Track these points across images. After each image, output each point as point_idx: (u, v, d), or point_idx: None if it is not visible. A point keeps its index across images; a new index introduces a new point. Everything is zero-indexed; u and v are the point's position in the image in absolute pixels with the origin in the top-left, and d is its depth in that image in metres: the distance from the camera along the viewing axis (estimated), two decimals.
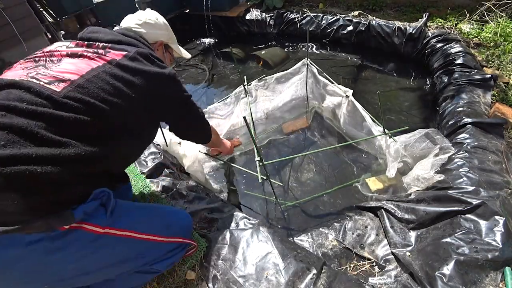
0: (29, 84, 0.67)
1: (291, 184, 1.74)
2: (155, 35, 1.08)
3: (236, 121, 1.97)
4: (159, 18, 1.12)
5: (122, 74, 0.79)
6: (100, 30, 0.91)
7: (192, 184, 1.53)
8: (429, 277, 0.94)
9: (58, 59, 0.78)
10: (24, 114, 0.63)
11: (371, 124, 1.50)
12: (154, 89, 0.86)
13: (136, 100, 0.81)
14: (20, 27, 3.28)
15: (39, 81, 0.69)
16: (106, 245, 0.75)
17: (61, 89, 0.69)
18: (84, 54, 0.79)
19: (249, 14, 3.87)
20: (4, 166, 0.57)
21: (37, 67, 0.75)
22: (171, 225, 0.96)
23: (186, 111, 1.04)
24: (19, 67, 0.77)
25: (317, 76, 1.96)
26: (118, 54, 0.82)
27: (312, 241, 1.25)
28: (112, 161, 0.80)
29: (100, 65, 0.78)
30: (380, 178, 1.54)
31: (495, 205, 1.06)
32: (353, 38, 3.12)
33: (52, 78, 0.71)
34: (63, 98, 0.68)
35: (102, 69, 0.77)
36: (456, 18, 2.65)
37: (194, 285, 1.04)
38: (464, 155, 1.33)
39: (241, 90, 1.91)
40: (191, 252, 1.08)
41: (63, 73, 0.73)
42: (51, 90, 0.68)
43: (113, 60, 0.80)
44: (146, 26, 1.05)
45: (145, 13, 1.10)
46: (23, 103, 0.63)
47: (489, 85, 1.81)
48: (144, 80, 0.83)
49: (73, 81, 0.71)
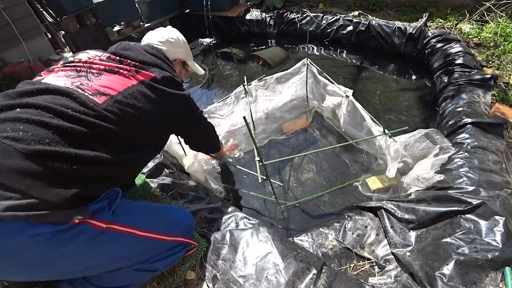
0: (74, 93, 0.76)
1: (291, 184, 1.74)
2: (175, 53, 1.17)
3: (236, 121, 1.97)
4: (179, 37, 1.21)
5: (151, 94, 0.91)
6: (131, 47, 1.01)
7: (192, 184, 1.53)
8: (429, 277, 0.94)
9: (98, 73, 0.88)
10: (69, 119, 0.71)
11: (371, 124, 1.50)
12: (174, 108, 1.00)
13: (160, 117, 0.95)
14: (20, 27, 3.28)
15: (84, 92, 0.79)
16: (108, 241, 0.77)
17: (102, 102, 0.79)
18: (120, 72, 0.90)
19: (249, 14, 3.87)
20: (49, 161, 0.66)
21: (80, 77, 0.84)
22: (173, 224, 0.97)
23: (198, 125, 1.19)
24: (62, 73, 0.85)
25: (317, 76, 1.96)
26: (147, 75, 0.93)
27: (312, 241, 1.25)
28: (133, 167, 0.95)
29: (134, 84, 0.89)
30: (380, 178, 1.54)
31: (495, 205, 1.06)
32: (353, 38, 3.12)
33: (94, 91, 0.81)
34: (103, 110, 0.78)
35: (136, 88, 0.88)
36: (456, 18, 2.65)
37: (194, 285, 1.04)
38: (464, 155, 1.33)
39: (241, 90, 1.91)
40: (191, 252, 1.08)
41: (104, 87, 0.84)
42: (94, 101, 0.78)
43: (144, 80, 0.91)
44: (167, 44, 1.15)
45: (167, 31, 1.19)
46: (69, 110, 0.72)
47: (489, 85, 1.81)
48: (168, 100, 0.96)
49: (112, 96, 0.82)
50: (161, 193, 1.40)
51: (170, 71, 1.02)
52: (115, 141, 0.80)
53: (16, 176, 0.62)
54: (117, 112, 0.80)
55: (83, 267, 0.76)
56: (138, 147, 0.91)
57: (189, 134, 1.20)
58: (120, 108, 0.81)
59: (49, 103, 0.71)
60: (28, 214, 0.60)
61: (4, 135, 0.65)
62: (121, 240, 0.80)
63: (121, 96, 0.83)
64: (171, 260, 0.98)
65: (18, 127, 0.66)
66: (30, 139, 0.65)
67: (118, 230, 0.79)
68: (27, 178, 0.63)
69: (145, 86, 0.90)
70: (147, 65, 0.97)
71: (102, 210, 0.77)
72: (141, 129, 0.89)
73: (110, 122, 0.78)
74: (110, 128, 0.78)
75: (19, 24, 3.27)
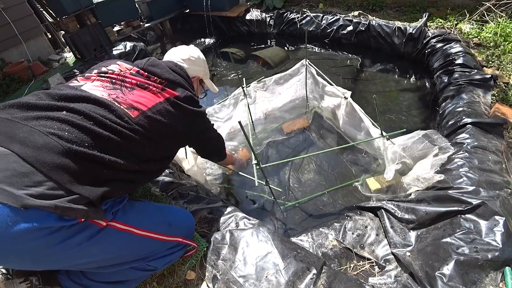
0: (112, 106, 0.84)
1: (291, 184, 1.74)
2: (194, 71, 1.25)
3: (236, 124, 1.97)
4: (200, 56, 1.29)
5: (174, 111, 0.99)
6: (158, 64, 1.08)
7: (192, 184, 1.53)
8: (429, 277, 0.94)
9: (131, 87, 0.97)
10: (107, 128, 0.80)
11: (369, 126, 1.51)
12: (193, 124, 1.09)
13: (180, 131, 1.04)
14: (20, 27, 3.28)
15: (120, 105, 0.87)
16: (108, 238, 0.79)
17: (135, 116, 0.88)
18: (149, 87, 0.99)
19: (249, 14, 3.87)
20: (85, 162, 0.74)
21: (115, 90, 0.93)
22: (172, 224, 0.98)
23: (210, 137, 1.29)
24: (99, 83, 0.93)
25: (316, 77, 1.96)
26: (172, 93, 1.02)
27: (312, 241, 1.25)
28: (152, 175, 1.06)
29: (161, 101, 0.97)
30: (380, 178, 1.54)
31: (495, 205, 1.06)
32: (353, 38, 3.12)
33: (129, 105, 0.89)
34: (135, 124, 0.86)
35: (162, 106, 0.96)
36: (456, 18, 2.65)
37: (194, 285, 1.04)
38: (464, 155, 1.33)
39: (240, 92, 1.91)
40: (191, 253, 1.08)
41: (136, 102, 0.92)
42: (129, 115, 0.86)
43: (169, 98, 1.00)
44: (188, 62, 1.22)
45: (189, 50, 1.26)
46: (107, 120, 0.81)
47: (489, 85, 1.81)
48: (188, 116, 1.05)
49: (143, 111, 0.91)
50: (161, 193, 1.39)
51: (190, 89, 1.11)
52: (142, 152, 0.90)
53: (55, 168, 0.68)
54: (146, 126, 0.89)
55: (82, 262, 0.78)
56: (161, 159, 1.02)
57: (203, 146, 1.29)
58: (149, 123, 0.90)
59: (91, 111, 0.79)
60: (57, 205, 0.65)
61: (52, 131, 0.72)
62: (120, 238, 0.82)
63: (151, 112, 0.92)
64: (169, 260, 0.99)
65: (64, 127, 0.74)
66: (73, 140, 0.73)
67: (118, 228, 0.81)
68: (65, 172, 0.70)
69: (170, 103, 0.99)
70: (171, 83, 1.06)
71: (106, 210, 0.80)
72: (165, 142, 0.98)
73: (141, 135, 0.87)
74: (140, 141, 0.87)
75: (19, 24, 3.27)
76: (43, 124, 0.73)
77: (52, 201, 0.65)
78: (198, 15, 4.11)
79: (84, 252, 0.75)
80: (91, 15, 3.36)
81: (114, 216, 0.82)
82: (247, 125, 1.84)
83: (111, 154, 0.79)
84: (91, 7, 3.33)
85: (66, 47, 3.94)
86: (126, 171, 0.84)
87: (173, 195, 1.39)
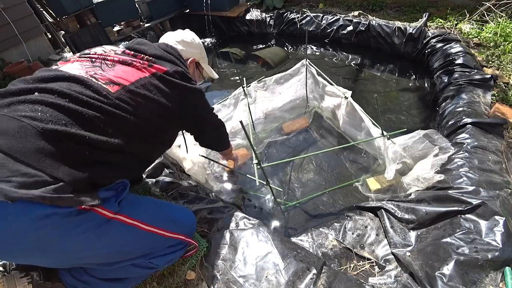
0: (89, 82, 0.79)
1: (291, 184, 1.74)
2: (189, 53, 1.19)
3: (236, 124, 1.97)
4: (195, 39, 1.24)
5: (163, 86, 0.93)
6: (146, 43, 1.04)
7: (192, 184, 1.53)
8: (429, 277, 0.94)
9: (112, 64, 0.91)
10: (84, 104, 0.74)
11: (369, 126, 1.51)
12: (187, 101, 1.01)
13: (173, 111, 0.96)
14: (20, 27, 3.28)
15: (98, 81, 0.81)
16: (113, 230, 0.78)
17: (115, 90, 0.82)
18: (133, 63, 0.92)
19: (249, 14, 3.87)
20: (63, 141, 0.68)
21: (94, 67, 0.87)
22: (177, 221, 0.99)
23: (209, 121, 1.21)
24: (77, 63, 0.89)
25: (316, 77, 1.96)
26: (160, 68, 0.95)
27: (312, 241, 1.25)
28: (145, 160, 0.98)
29: (146, 75, 0.91)
30: (380, 178, 1.54)
31: (495, 205, 1.06)
32: (353, 38, 3.12)
33: (108, 80, 0.84)
34: (116, 98, 0.80)
35: (147, 80, 0.90)
36: (456, 18, 2.65)
37: (194, 285, 1.04)
38: (464, 155, 1.33)
39: (240, 92, 1.90)
40: (192, 253, 1.08)
41: (117, 77, 0.86)
42: (107, 90, 0.80)
43: (156, 73, 0.93)
44: (182, 44, 1.17)
45: (183, 33, 1.22)
46: (83, 96, 0.75)
47: (489, 85, 1.81)
48: (180, 93, 0.98)
49: (124, 85, 0.84)
50: (161, 193, 1.39)
51: (183, 67, 1.04)
52: (128, 130, 0.83)
53: (33, 153, 0.64)
54: (129, 101, 0.83)
55: (84, 255, 0.77)
56: (152, 141, 0.95)
57: (200, 129, 1.21)
58: (132, 98, 0.84)
59: (65, 88, 0.74)
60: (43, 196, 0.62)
61: (23, 114, 0.68)
62: (125, 231, 0.81)
63: (134, 86, 0.86)
64: (171, 258, 0.98)
65: (37, 108, 0.70)
66: (48, 120, 0.69)
67: (123, 221, 0.80)
68: (42, 156, 0.65)
69: (157, 78, 0.92)
70: (159, 59, 0.99)
71: (109, 199, 0.78)
72: (156, 121, 0.92)
73: (123, 111, 0.81)
74: (123, 117, 0.81)
75: (19, 24, 3.27)
76: (15, 109, 0.69)
77: (38, 191, 0.62)
78: (198, 15, 4.11)
79: (90, 243, 0.74)
80: (91, 15, 3.36)
81: (121, 209, 0.80)
82: (248, 125, 1.84)
83: (91, 131, 0.74)
84: (91, 7, 3.33)
85: (66, 47, 3.94)
86: (111, 151, 0.78)
87: (173, 195, 1.39)
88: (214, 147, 1.43)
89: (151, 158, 1.07)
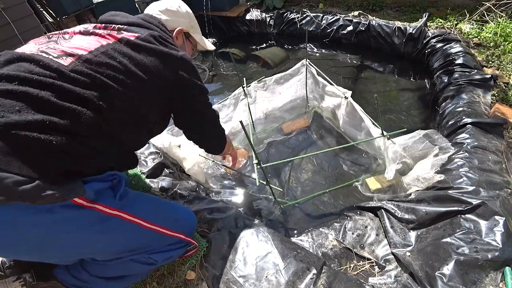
0: (38, 57, 0.68)
1: (291, 184, 1.74)
2: (175, 22, 1.04)
3: (236, 124, 1.97)
4: (182, 6, 1.09)
5: (131, 52, 0.78)
6: (120, 13, 0.92)
7: (192, 184, 1.53)
8: (429, 277, 0.94)
9: (70, 36, 0.79)
10: (35, 84, 0.64)
11: (369, 126, 1.51)
12: (164, 71, 0.83)
13: (150, 86, 0.80)
14: (20, 27, 3.27)
15: (48, 55, 0.70)
16: (113, 227, 0.77)
17: (68, 63, 0.69)
18: (96, 32, 0.80)
19: (249, 14, 3.86)
20: (19, 130, 0.58)
21: (48, 43, 0.76)
22: (178, 220, 0.99)
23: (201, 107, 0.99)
24: (32, 42, 0.79)
25: (316, 77, 1.96)
26: (131, 35, 0.82)
27: (312, 241, 1.25)
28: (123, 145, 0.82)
29: (110, 42, 0.78)
30: (380, 178, 1.54)
31: (495, 205, 1.06)
32: (353, 38, 3.12)
33: (61, 53, 0.71)
34: (71, 72, 0.68)
35: (111, 47, 0.76)
36: (456, 18, 2.65)
37: (194, 285, 1.04)
38: (464, 155, 1.33)
39: (240, 92, 1.90)
40: (192, 252, 1.08)
41: (72, 48, 0.73)
42: (59, 64, 0.68)
43: (123, 38, 0.79)
44: (167, 13, 1.02)
45: (168, 1, 1.07)
46: (33, 75, 0.64)
47: (489, 85, 1.81)
48: (154, 60, 0.81)
49: (80, 55, 0.72)
50: (161, 193, 1.39)
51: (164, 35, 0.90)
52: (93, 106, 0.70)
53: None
54: (88, 72, 0.70)
55: (82, 251, 0.77)
56: (127, 122, 0.79)
57: (188, 118, 1.00)
58: (92, 68, 0.71)
59: (11, 71, 0.64)
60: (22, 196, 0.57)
61: None
62: (126, 229, 0.80)
63: (91, 55, 0.72)
64: (170, 255, 0.98)
65: None
66: None
67: (124, 218, 0.78)
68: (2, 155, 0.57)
69: (125, 44, 0.78)
70: (132, 25, 0.86)
71: (106, 193, 0.75)
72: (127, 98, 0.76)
73: (82, 86, 0.68)
74: (81, 91, 0.68)
75: (19, 24, 3.27)
76: None
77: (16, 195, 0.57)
78: (197, 15, 4.11)
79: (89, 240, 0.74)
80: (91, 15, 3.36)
81: (122, 206, 0.78)
82: (248, 125, 1.84)
83: (50, 113, 0.63)
84: (91, 7, 3.33)
85: None
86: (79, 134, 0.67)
87: (173, 195, 1.39)
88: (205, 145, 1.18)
89: (132, 144, 0.90)
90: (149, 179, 1.46)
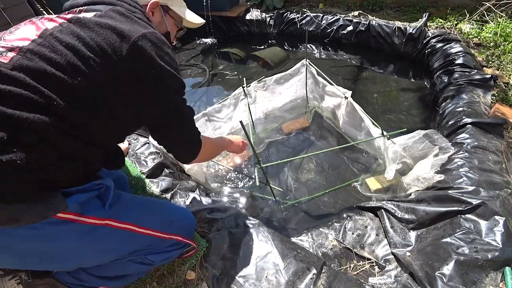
0: None
1: (290, 184, 1.74)
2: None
3: (237, 124, 1.97)
4: None
5: (80, 31, 0.64)
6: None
7: (192, 184, 1.53)
8: (429, 277, 0.94)
9: (16, 28, 0.68)
10: None
11: (369, 126, 1.51)
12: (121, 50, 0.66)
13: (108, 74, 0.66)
14: None
15: None
16: (104, 237, 0.76)
17: (9, 59, 0.58)
18: (44, 17, 0.70)
19: (249, 14, 3.86)
20: None
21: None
22: (173, 222, 0.97)
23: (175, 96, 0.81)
24: None
25: (316, 77, 1.96)
26: (89, 14, 0.70)
27: (312, 241, 1.25)
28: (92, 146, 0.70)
29: (56, 25, 0.65)
30: (380, 178, 1.54)
31: (495, 205, 1.06)
32: (353, 38, 3.12)
33: (2, 49, 0.60)
34: (12, 70, 0.57)
35: (56, 29, 0.64)
36: (456, 18, 2.65)
37: (194, 285, 1.04)
38: (464, 155, 1.33)
39: (240, 92, 1.90)
40: (191, 253, 1.08)
41: (14, 40, 0.62)
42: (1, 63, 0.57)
43: (72, 17, 0.66)
44: None
45: None
46: None
47: (489, 85, 1.81)
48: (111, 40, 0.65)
49: (21, 47, 0.60)
50: (160, 193, 1.39)
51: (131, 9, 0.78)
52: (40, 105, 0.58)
53: None
54: (29, 67, 0.58)
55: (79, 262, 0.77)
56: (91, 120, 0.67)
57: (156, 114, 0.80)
58: (33, 59, 0.59)
59: None
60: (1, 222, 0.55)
61: None
62: (117, 236, 0.79)
63: (34, 44, 0.61)
64: (167, 256, 0.98)
65: None
66: None
67: (115, 227, 0.77)
68: None
69: (73, 22, 0.65)
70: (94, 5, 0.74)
71: (92, 204, 0.71)
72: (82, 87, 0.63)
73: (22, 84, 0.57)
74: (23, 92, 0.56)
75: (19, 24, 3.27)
76: None
77: None
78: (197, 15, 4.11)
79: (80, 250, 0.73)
80: None
81: (111, 214, 0.75)
82: (248, 125, 1.84)
83: None
84: None
85: None
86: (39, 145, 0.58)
87: (173, 195, 1.39)
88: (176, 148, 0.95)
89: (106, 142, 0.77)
90: (149, 179, 1.46)
